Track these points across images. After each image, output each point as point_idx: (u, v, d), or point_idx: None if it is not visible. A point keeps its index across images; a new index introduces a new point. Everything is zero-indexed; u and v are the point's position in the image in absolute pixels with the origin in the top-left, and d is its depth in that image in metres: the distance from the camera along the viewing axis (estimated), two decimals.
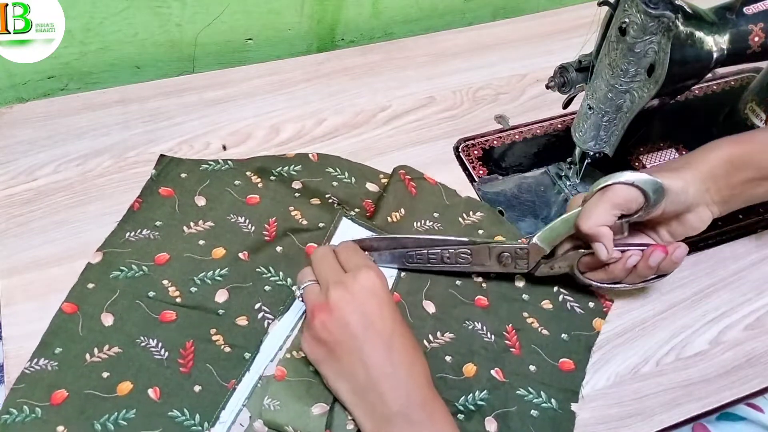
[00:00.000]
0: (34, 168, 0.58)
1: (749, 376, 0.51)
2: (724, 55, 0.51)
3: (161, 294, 0.50)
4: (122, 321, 0.48)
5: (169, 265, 0.51)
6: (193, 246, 0.52)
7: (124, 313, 0.48)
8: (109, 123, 0.63)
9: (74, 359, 0.46)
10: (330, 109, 0.67)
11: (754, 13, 0.51)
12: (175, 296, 0.50)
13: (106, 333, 0.47)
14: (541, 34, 0.77)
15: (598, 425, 0.47)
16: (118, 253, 0.51)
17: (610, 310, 0.53)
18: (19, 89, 0.67)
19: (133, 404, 0.44)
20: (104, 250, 0.52)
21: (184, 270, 0.51)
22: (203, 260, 0.52)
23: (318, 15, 0.74)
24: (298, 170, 0.59)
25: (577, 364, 0.50)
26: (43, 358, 0.46)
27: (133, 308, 0.49)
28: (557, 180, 0.62)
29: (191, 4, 0.67)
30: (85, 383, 0.45)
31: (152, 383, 0.45)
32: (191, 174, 0.57)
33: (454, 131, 0.66)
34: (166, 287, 0.50)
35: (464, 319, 0.51)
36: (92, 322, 0.48)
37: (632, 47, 0.47)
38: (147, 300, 0.49)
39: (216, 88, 0.67)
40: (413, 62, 0.73)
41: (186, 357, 0.47)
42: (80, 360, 0.46)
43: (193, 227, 0.54)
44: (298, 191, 0.57)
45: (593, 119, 0.53)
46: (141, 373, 0.46)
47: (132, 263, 0.51)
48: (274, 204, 0.56)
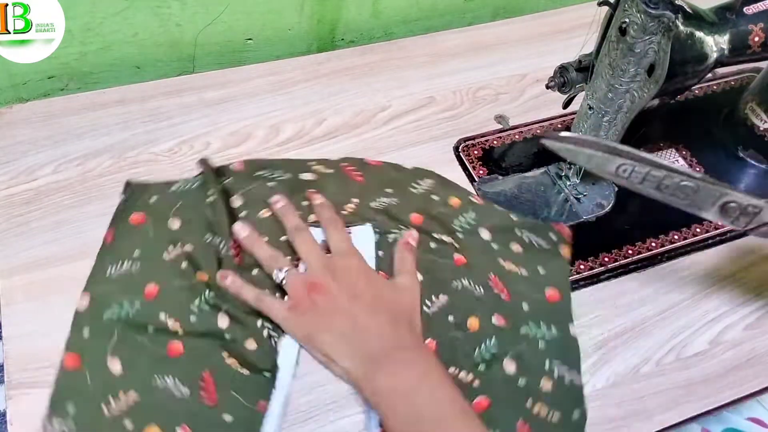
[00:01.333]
0: (34, 168, 0.58)
1: (749, 376, 0.51)
2: (724, 55, 0.51)
3: (162, 328, 0.47)
4: (130, 364, 0.45)
5: (161, 297, 0.49)
6: (176, 271, 0.50)
7: (130, 356, 0.46)
8: (109, 123, 0.63)
9: (92, 417, 0.43)
10: (330, 109, 0.67)
11: (754, 13, 0.51)
12: (175, 330, 0.47)
13: (117, 380, 0.44)
14: (541, 34, 0.77)
15: (598, 425, 0.47)
16: (105, 292, 0.48)
17: (569, 234, 0.56)
18: (19, 89, 0.67)
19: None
20: (90, 291, 0.48)
21: (178, 300, 0.49)
22: (192, 285, 0.50)
23: (318, 15, 0.74)
24: (231, 183, 0.55)
25: (561, 292, 0.53)
26: (57, 419, 0.43)
27: (137, 348, 0.46)
28: (557, 180, 0.62)
29: (191, 4, 0.67)
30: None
31: (179, 422, 0.43)
32: (161, 197, 0.54)
33: (454, 131, 0.66)
34: (164, 321, 0.48)
35: (450, 279, 0.52)
36: (100, 372, 0.45)
37: (632, 47, 0.47)
38: (149, 336, 0.47)
39: (216, 88, 0.67)
40: (413, 62, 0.73)
41: (207, 389, 0.45)
42: (98, 416, 0.43)
43: (172, 252, 0.51)
44: (241, 206, 0.54)
45: (593, 119, 0.53)
46: (165, 414, 0.44)
47: (123, 300, 0.48)
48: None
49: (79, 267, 0.51)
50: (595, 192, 0.61)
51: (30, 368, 0.46)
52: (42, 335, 0.48)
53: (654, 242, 0.58)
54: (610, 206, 0.60)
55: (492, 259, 0.54)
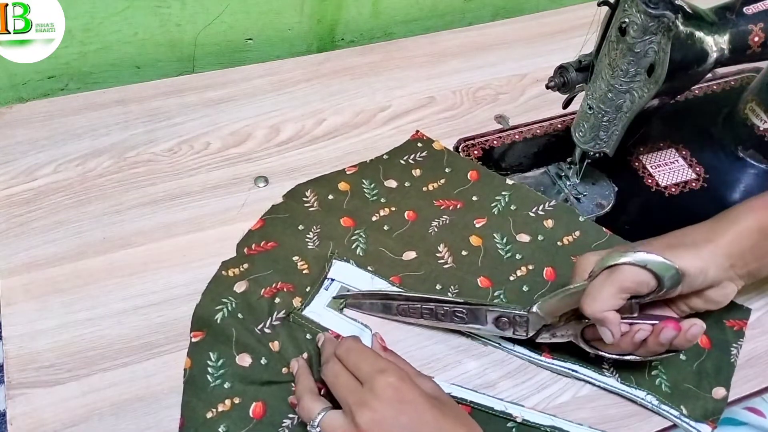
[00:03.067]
0: (34, 168, 0.58)
1: (749, 376, 0.51)
2: (724, 55, 0.50)
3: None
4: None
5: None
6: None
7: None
8: (109, 123, 0.63)
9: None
10: (330, 109, 0.67)
11: (754, 13, 0.51)
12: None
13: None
14: (541, 34, 0.77)
15: (598, 425, 0.47)
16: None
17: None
18: (19, 89, 0.67)
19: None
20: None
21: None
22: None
23: (318, 15, 0.74)
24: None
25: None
26: None
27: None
28: (557, 180, 0.62)
29: (191, 4, 0.67)
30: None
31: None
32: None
33: (454, 131, 0.66)
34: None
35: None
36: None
37: (632, 47, 0.47)
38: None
39: (216, 88, 0.67)
40: (413, 62, 0.73)
41: None
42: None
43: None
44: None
45: (593, 119, 0.53)
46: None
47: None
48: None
49: (80, 267, 0.51)
50: (595, 192, 0.61)
51: (30, 368, 0.47)
52: (42, 335, 0.48)
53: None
54: (610, 206, 0.60)
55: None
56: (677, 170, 0.63)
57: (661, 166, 0.64)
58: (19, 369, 0.46)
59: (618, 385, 0.49)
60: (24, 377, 0.46)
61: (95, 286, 0.51)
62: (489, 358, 0.50)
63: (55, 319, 0.49)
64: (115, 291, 0.51)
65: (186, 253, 0.54)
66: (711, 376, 0.49)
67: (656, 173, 0.63)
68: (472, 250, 0.55)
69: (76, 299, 0.50)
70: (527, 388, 0.49)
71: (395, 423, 0.39)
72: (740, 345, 0.51)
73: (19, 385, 0.46)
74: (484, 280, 0.54)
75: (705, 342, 0.51)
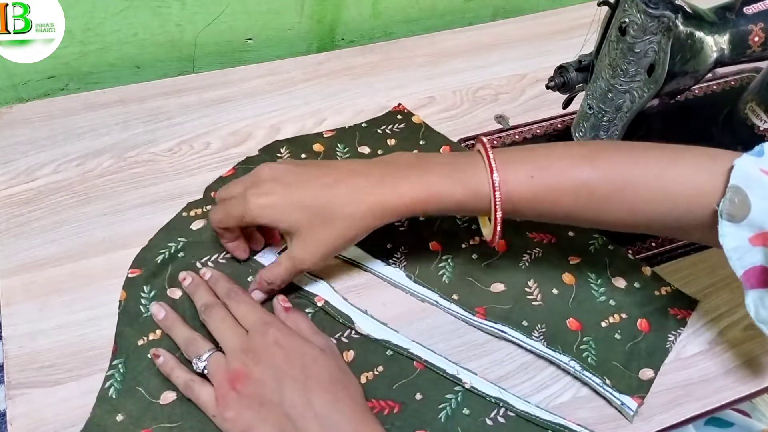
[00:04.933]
0: (34, 168, 0.58)
1: (749, 376, 0.51)
2: (724, 55, 0.51)
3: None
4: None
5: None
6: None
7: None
8: (109, 123, 0.63)
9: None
10: (330, 109, 0.67)
11: (754, 13, 0.51)
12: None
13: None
14: (541, 34, 0.77)
15: (598, 425, 0.47)
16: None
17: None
18: (19, 89, 0.67)
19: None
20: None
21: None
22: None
23: (318, 15, 0.74)
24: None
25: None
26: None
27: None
28: None
29: (191, 4, 0.67)
30: None
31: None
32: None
33: (454, 131, 0.66)
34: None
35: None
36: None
37: (632, 47, 0.47)
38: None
39: (216, 88, 0.67)
40: (413, 62, 0.73)
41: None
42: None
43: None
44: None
45: (593, 119, 0.53)
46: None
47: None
48: None
49: (80, 267, 0.51)
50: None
51: (30, 368, 0.46)
52: (42, 335, 0.48)
53: (654, 242, 0.58)
54: None
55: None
56: None
57: None
58: (19, 369, 0.46)
59: (543, 348, 0.49)
60: (24, 377, 0.46)
61: (95, 286, 0.51)
62: (489, 358, 0.50)
63: (55, 319, 0.49)
64: (115, 291, 0.51)
65: None
66: (642, 357, 0.50)
67: None
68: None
69: (76, 299, 0.50)
70: (527, 388, 0.49)
71: (269, 364, 0.42)
72: (679, 333, 0.52)
73: (19, 385, 0.46)
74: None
75: (644, 326, 0.51)
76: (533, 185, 0.44)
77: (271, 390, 0.41)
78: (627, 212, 0.44)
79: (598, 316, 0.51)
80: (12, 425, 0.44)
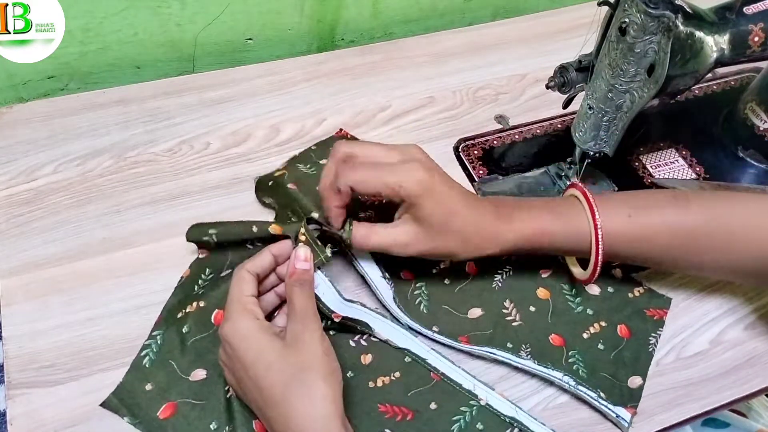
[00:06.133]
0: (34, 168, 0.58)
1: (749, 376, 0.51)
2: (724, 55, 0.50)
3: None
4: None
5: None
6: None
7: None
8: (109, 123, 0.63)
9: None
10: (330, 109, 0.67)
11: (754, 13, 0.51)
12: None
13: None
14: (541, 34, 0.77)
15: (598, 425, 0.47)
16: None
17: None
18: (19, 89, 0.67)
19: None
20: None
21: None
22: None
23: (318, 15, 0.74)
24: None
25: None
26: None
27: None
28: (557, 180, 0.61)
29: (191, 4, 0.67)
30: None
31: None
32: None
33: (454, 131, 0.66)
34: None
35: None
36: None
37: (632, 47, 0.47)
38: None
39: (216, 88, 0.67)
40: (413, 62, 0.73)
41: None
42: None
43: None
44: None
45: (593, 119, 0.53)
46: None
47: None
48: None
49: (79, 267, 0.51)
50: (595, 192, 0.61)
51: (30, 368, 0.47)
52: (42, 335, 0.48)
53: None
54: None
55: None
56: (677, 170, 0.63)
57: (661, 166, 0.64)
58: (19, 369, 0.46)
59: (535, 366, 0.49)
60: (24, 377, 0.46)
61: (95, 286, 0.51)
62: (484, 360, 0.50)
63: (55, 319, 0.49)
64: (115, 291, 0.51)
65: (186, 253, 0.54)
66: (628, 365, 0.50)
67: (656, 173, 0.63)
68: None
69: (76, 299, 0.50)
70: (527, 389, 0.49)
71: (233, 357, 0.41)
72: (659, 334, 0.52)
73: (19, 385, 0.46)
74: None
75: (624, 332, 0.51)
76: (631, 224, 0.46)
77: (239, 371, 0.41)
78: (721, 253, 0.46)
79: (579, 327, 0.51)
80: (12, 425, 0.44)
